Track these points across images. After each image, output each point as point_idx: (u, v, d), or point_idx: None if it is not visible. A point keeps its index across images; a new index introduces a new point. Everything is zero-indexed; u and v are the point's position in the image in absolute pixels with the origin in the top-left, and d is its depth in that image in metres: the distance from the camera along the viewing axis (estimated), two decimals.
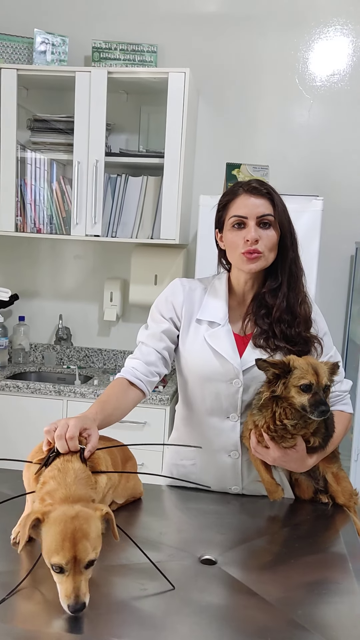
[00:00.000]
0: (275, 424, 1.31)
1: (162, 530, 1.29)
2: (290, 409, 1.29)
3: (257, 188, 1.42)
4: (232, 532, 1.30)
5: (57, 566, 0.95)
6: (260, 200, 1.41)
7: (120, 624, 0.94)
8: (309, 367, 1.28)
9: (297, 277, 1.47)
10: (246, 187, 1.43)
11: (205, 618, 0.97)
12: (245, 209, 1.41)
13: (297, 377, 1.28)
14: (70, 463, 1.09)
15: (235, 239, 1.42)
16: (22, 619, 0.95)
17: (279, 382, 1.30)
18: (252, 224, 1.40)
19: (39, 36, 2.81)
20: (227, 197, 1.46)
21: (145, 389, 1.47)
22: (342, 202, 2.91)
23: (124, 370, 1.48)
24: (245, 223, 1.41)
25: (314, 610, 1.01)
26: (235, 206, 1.43)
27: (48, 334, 3.30)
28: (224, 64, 2.97)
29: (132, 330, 3.19)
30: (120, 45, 2.83)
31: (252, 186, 1.43)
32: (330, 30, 2.88)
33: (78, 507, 0.99)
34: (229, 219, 1.43)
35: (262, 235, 1.40)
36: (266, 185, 1.44)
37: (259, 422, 1.34)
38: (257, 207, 1.41)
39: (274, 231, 1.42)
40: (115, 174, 2.87)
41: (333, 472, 1.45)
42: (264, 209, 1.41)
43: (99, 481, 1.13)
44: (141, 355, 1.49)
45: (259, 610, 1.00)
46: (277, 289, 1.45)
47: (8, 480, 1.45)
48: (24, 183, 2.89)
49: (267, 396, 1.32)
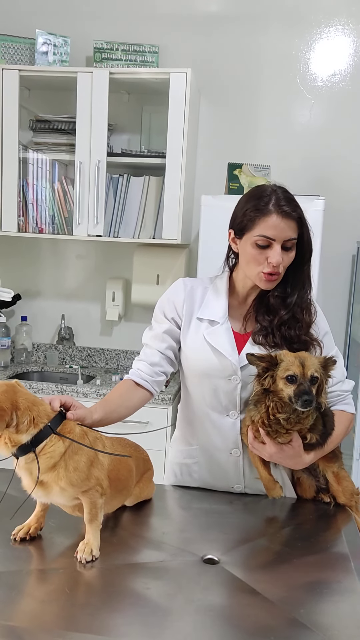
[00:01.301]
0: (269, 419, 1.33)
1: (165, 530, 1.30)
2: (281, 403, 1.31)
3: (289, 213, 1.38)
4: (235, 532, 1.30)
5: None
6: (290, 223, 1.38)
7: (124, 622, 0.95)
8: (295, 360, 1.30)
9: (306, 290, 1.49)
10: (279, 210, 1.37)
11: (208, 617, 0.98)
12: (274, 232, 1.37)
13: (283, 369, 1.30)
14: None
15: (258, 257, 1.40)
16: (25, 617, 0.96)
17: (267, 376, 1.31)
18: (278, 249, 1.38)
19: (40, 37, 2.81)
20: (257, 213, 1.39)
21: (152, 388, 1.51)
22: (343, 201, 2.92)
23: (131, 372, 1.52)
24: (271, 245, 1.39)
25: (316, 609, 1.02)
26: (264, 225, 1.38)
27: (50, 333, 3.31)
28: (225, 64, 2.97)
29: (134, 329, 3.20)
30: (121, 46, 2.84)
31: (284, 210, 1.37)
32: (332, 30, 2.89)
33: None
34: (254, 235, 1.40)
35: (284, 258, 1.40)
36: (297, 208, 1.40)
37: (254, 417, 1.36)
38: (286, 232, 1.38)
39: (294, 252, 1.42)
40: (117, 174, 2.88)
41: (334, 471, 1.46)
42: (292, 233, 1.39)
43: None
44: (145, 357, 1.53)
45: (262, 609, 1.01)
46: (285, 298, 1.46)
47: (9, 480, 1.46)
48: (26, 183, 2.90)
49: (258, 390, 1.34)
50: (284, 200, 1.39)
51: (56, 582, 1.05)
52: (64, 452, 1.12)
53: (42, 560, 1.14)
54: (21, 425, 1.08)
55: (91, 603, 1.00)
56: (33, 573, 1.09)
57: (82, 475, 1.13)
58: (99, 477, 1.16)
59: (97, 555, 1.13)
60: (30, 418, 1.09)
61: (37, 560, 1.13)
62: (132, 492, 1.33)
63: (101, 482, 1.17)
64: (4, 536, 1.19)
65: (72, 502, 1.17)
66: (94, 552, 1.13)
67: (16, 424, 1.08)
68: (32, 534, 1.20)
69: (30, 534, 1.19)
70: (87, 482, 1.14)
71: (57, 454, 1.11)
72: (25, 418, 1.09)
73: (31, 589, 1.04)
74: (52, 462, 1.11)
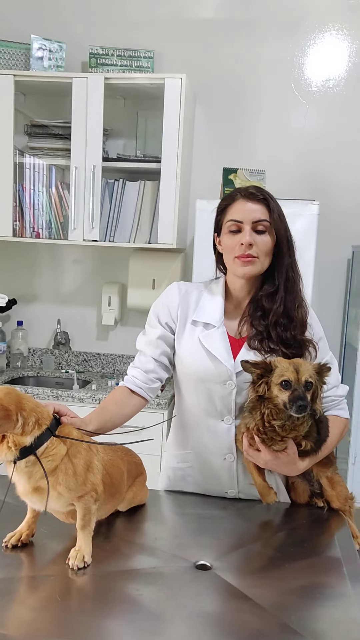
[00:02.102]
0: (264, 426, 1.32)
1: (158, 536, 1.29)
2: (276, 409, 1.31)
3: (254, 194, 1.44)
4: (228, 537, 1.30)
5: None
6: (256, 205, 1.44)
7: (116, 629, 0.95)
8: (289, 366, 1.30)
9: (294, 282, 1.48)
10: (243, 193, 1.45)
11: (200, 623, 0.97)
12: (241, 214, 1.43)
13: (278, 375, 1.30)
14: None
15: (230, 242, 1.45)
16: (16, 625, 0.95)
17: (261, 382, 1.31)
18: (247, 229, 1.42)
19: (36, 42, 2.82)
20: (225, 202, 1.49)
21: (147, 395, 1.52)
22: (338, 206, 2.92)
23: (126, 379, 1.53)
24: (241, 228, 1.43)
25: (307, 614, 1.01)
26: (232, 211, 1.45)
27: (46, 338, 3.31)
28: (220, 70, 2.98)
29: (130, 334, 3.20)
30: (117, 51, 2.85)
31: (249, 192, 1.45)
32: (326, 36, 2.90)
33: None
34: (225, 223, 1.46)
35: (257, 241, 1.42)
36: (263, 191, 1.46)
37: (249, 424, 1.36)
38: (253, 213, 1.43)
39: (269, 237, 1.44)
40: (113, 178, 2.88)
41: (328, 476, 1.46)
42: (260, 215, 1.43)
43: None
44: (140, 363, 1.54)
45: (253, 615, 1.00)
46: (274, 294, 1.46)
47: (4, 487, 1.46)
48: (21, 188, 2.90)
49: (253, 397, 1.34)
50: (250, 188, 1.47)
51: (48, 589, 1.05)
52: (64, 455, 1.12)
53: (33, 567, 1.13)
54: (26, 427, 1.08)
55: (83, 610, 0.99)
56: (24, 580, 1.08)
57: (79, 479, 1.13)
58: (94, 482, 1.17)
59: (89, 562, 1.13)
60: (36, 419, 1.09)
61: (28, 567, 1.13)
62: (124, 497, 1.32)
63: (96, 487, 1.17)
64: None
65: (66, 508, 1.16)
66: (86, 558, 1.13)
67: (22, 425, 1.07)
68: (24, 540, 1.20)
69: (22, 541, 1.19)
70: (83, 487, 1.14)
71: (58, 457, 1.11)
72: (31, 419, 1.09)
73: (23, 596, 1.04)
74: (53, 465, 1.10)
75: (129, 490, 1.35)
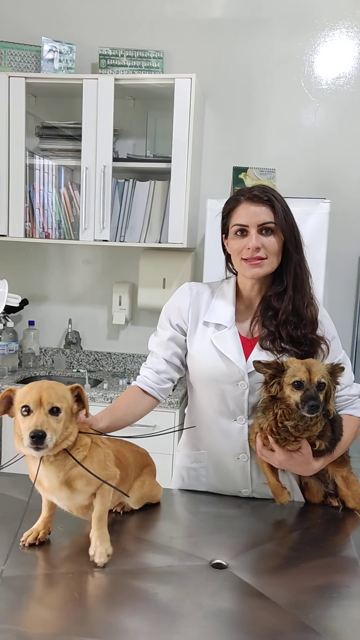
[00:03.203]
0: (278, 426, 1.32)
1: (173, 535, 1.30)
2: (288, 410, 1.30)
3: (258, 196, 1.42)
4: (243, 536, 1.30)
5: (25, 407, 1.05)
6: (261, 207, 1.42)
7: (132, 627, 0.95)
8: (302, 366, 1.30)
9: (302, 280, 1.48)
10: (247, 195, 1.43)
11: (216, 622, 0.98)
12: (246, 218, 1.42)
13: (290, 376, 1.30)
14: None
15: (237, 246, 1.44)
16: (34, 622, 0.96)
17: (274, 382, 1.31)
18: (253, 232, 1.41)
19: (46, 44, 2.84)
20: (229, 206, 1.48)
21: (159, 395, 1.53)
22: (349, 204, 2.91)
23: (138, 379, 1.54)
24: (247, 231, 1.42)
25: (324, 613, 1.01)
26: (237, 215, 1.44)
27: (57, 338, 3.33)
28: (230, 69, 2.98)
29: (141, 333, 3.20)
30: (126, 52, 2.86)
31: (253, 194, 1.43)
32: (336, 34, 2.89)
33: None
34: (232, 227, 1.45)
35: (264, 242, 1.42)
36: (268, 191, 1.44)
37: (263, 425, 1.35)
38: (258, 215, 1.41)
39: (276, 237, 1.43)
40: (123, 179, 2.89)
41: (343, 475, 1.45)
42: (265, 217, 1.42)
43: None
44: (152, 364, 1.55)
45: (270, 613, 1.01)
46: (283, 292, 1.46)
47: (19, 485, 1.47)
48: (32, 189, 2.91)
49: (265, 397, 1.34)
50: (255, 189, 1.44)
51: (65, 587, 1.06)
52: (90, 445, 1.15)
53: (50, 564, 1.14)
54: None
55: (100, 608, 1.00)
56: (41, 578, 1.09)
57: (102, 466, 1.16)
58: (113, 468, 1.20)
59: (110, 552, 1.14)
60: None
61: (45, 565, 1.14)
62: (131, 484, 1.33)
63: (116, 474, 1.20)
64: (10, 540, 1.20)
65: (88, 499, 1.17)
66: (109, 551, 1.14)
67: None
68: (41, 538, 1.21)
69: (39, 539, 1.20)
70: (107, 473, 1.17)
71: (87, 447, 1.14)
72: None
73: (40, 594, 1.04)
74: (83, 455, 1.13)
75: (137, 480, 1.35)
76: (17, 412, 1.08)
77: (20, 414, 1.07)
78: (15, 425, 1.11)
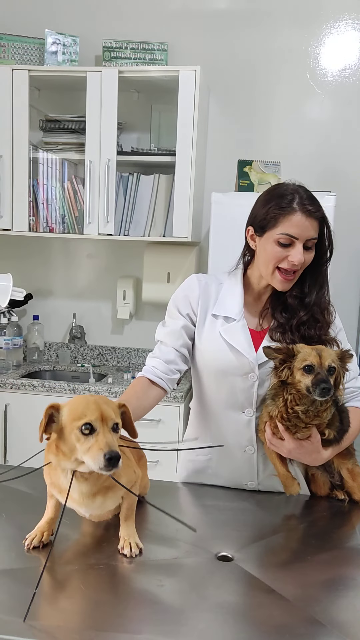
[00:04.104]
0: (288, 412, 1.32)
1: (178, 527, 1.29)
2: (299, 394, 1.30)
3: (313, 212, 1.38)
4: (248, 529, 1.30)
5: (87, 424, 1.00)
6: (312, 222, 1.39)
7: (138, 619, 0.95)
8: (312, 351, 1.30)
9: (325, 290, 1.48)
10: (303, 209, 1.37)
11: (222, 614, 0.97)
12: (298, 230, 1.37)
13: (300, 360, 1.29)
14: None
15: (278, 254, 1.40)
16: (40, 615, 0.96)
17: (284, 367, 1.31)
18: (300, 247, 1.38)
19: (50, 37, 2.82)
20: (280, 211, 1.38)
21: (167, 386, 1.51)
22: (354, 197, 2.90)
23: (145, 370, 1.51)
24: (294, 243, 1.39)
25: (331, 606, 1.01)
26: (288, 224, 1.37)
27: (62, 332, 3.33)
28: (234, 61, 2.96)
29: (145, 328, 3.20)
30: (130, 44, 2.84)
31: (308, 209, 1.37)
32: (341, 25, 2.87)
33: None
34: (277, 233, 1.39)
35: (305, 257, 1.40)
36: (320, 208, 1.40)
37: (272, 412, 1.35)
38: (309, 231, 1.38)
39: (314, 252, 1.42)
40: (127, 172, 2.88)
41: (348, 468, 1.45)
42: (314, 233, 1.39)
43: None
44: (161, 354, 1.52)
45: (276, 607, 1.00)
46: (303, 299, 1.46)
47: (25, 478, 1.47)
48: (36, 183, 2.91)
49: (275, 383, 1.33)
50: (307, 199, 1.39)
51: (71, 580, 1.06)
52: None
53: (56, 557, 1.14)
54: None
55: (105, 600, 1.00)
56: (47, 570, 1.09)
57: (130, 470, 1.16)
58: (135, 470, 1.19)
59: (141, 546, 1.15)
60: None
61: (52, 558, 1.14)
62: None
63: (138, 475, 1.20)
64: (19, 533, 1.20)
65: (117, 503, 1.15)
66: (140, 545, 1.15)
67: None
68: (45, 540, 1.17)
69: (43, 541, 1.17)
70: (134, 476, 1.17)
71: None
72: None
73: (46, 587, 1.04)
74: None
75: (142, 480, 1.34)
76: (74, 430, 1.01)
77: (80, 433, 1.00)
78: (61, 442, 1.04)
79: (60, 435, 1.04)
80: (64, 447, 1.04)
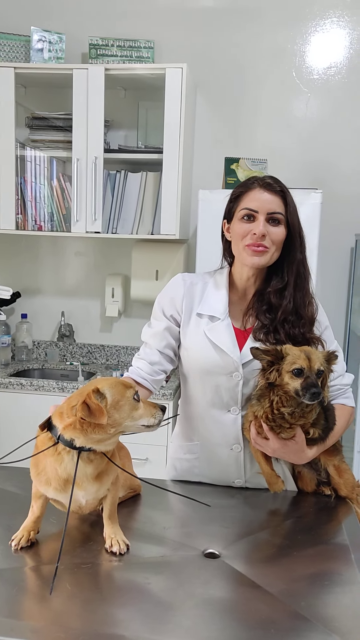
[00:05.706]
0: (273, 413, 1.32)
1: (166, 525, 1.30)
2: (286, 396, 1.30)
3: (271, 184, 1.43)
4: (236, 526, 1.31)
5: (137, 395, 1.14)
6: (273, 196, 1.42)
7: (125, 617, 0.96)
8: (301, 353, 1.30)
9: (304, 279, 1.48)
10: (261, 182, 1.44)
11: (209, 611, 0.98)
12: (257, 203, 1.42)
13: (289, 363, 1.29)
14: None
15: (242, 231, 1.43)
16: (26, 614, 0.96)
17: (272, 369, 1.31)
18: (261, 219, 1.41)
19: (35, 34, 2.81)
20: (240, 189, 1.47)
21: (151, 387, 1.52)
22: (341, 194, 2.91)
23: (131, 370, 1.53)
24: (255, 217, 1.42)
25: (316, 601, 1.02)
26: (247, 199, 1.44)
27: (50, 331, 3.32)
28: (221, 59, 2.97)
29: (134, 325, 3.20)
30: (117, 42, 2.83)
31: (267, 182, 1.44)
32: (327, 23, 2.88)
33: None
34: (239, 211, 1.45)
35: (270, 231, 1.41)
36: (281, 183, 1.45)
37: (257, 412, 1.36)
38: (269, 203, 1.42)
39: (282, 229, 1.43)
40: (115, 170, 2.88)
41: (335, 464, 1.46)
42: (275, 206, 1.42)
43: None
44: (145, 355, 1.54)
45: (262, 602, 1.01)
46: (283, 289, 1.46)
47: (12, 478, 1.47)
48: (23, 181, 2.89)
49: (262, 384, 1.34)
50: (267, 178, 1.45)
51: (57, 579, 1.06)
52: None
53: (42, 557, 1.14)
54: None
55: (93, 598, 1.00)
56: (34, 570, 1.09)
57: (117, 459, 1.19)
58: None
59: (128, 543, 1.16)
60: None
61: (37, 557, 1.14)
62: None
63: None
64: (4, 533, 1.20)
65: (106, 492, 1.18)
66: (126, 541, 1.16)
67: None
68: (32, 539, 1.17)
69: (30, 540, 1.17)
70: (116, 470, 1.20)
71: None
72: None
73: (32, 586, 1.04)
74: (111, 449, 1.16)
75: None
76: (129, 400, 1.12)
77: (134, 400, 1.12)
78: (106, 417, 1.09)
79: (111, 409, 1.10)
80: (113, 418, 1.09)
